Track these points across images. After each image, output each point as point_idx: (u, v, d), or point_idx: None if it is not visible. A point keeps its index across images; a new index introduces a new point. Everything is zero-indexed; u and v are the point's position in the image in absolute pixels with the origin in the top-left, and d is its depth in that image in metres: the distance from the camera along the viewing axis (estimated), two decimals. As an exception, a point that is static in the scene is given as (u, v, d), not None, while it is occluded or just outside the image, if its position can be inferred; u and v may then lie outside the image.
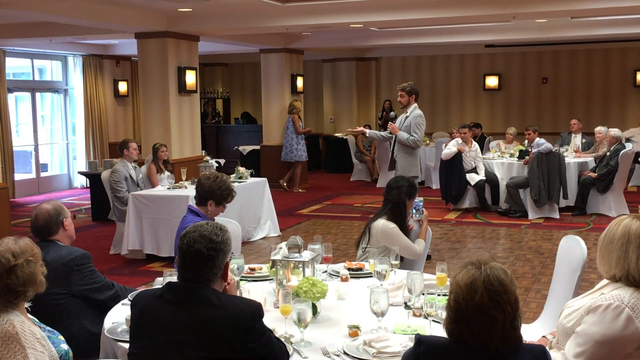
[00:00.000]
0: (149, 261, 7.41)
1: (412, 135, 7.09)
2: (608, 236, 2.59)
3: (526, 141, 10.17)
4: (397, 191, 4.56)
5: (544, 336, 2.94)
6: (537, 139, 9.59)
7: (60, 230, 3.57)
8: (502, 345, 2.07)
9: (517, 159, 10.11)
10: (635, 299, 2.46)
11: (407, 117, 7.23)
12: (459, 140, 10.03)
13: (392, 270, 3.63)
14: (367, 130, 7.76)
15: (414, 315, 3.14)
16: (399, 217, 4.54)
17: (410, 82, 7.48)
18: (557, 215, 9.46)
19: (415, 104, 7.28)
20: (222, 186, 4.37)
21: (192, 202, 5.05)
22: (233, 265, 3.35)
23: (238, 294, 2.88)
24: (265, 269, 3.91)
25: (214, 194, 4.36)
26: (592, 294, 2.63)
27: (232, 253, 2.74)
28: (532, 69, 15.11)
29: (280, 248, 3.45)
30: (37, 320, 2.72)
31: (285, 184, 12.42)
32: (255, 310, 2.46)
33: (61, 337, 2.75)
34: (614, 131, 9.86)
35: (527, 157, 9.65)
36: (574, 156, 10.43)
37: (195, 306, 2.44)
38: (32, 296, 2.60)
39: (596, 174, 9.66)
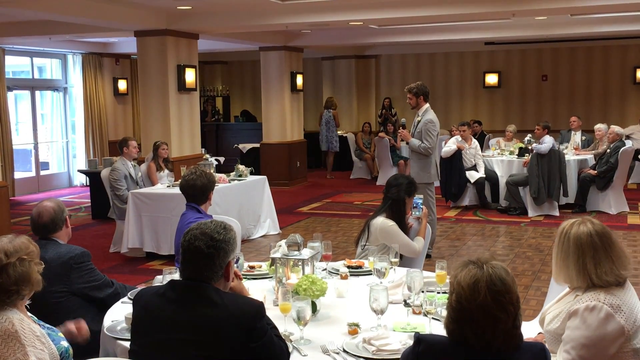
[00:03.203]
0: (149, 259, 7.41)
1: (424, 143, 6.98)
2: (563, 250, 2.63)
3: (529, 136, 10.09)
4: (397, 189, 4.56)
5: (540, 333, 2.95)
6: (546, 136, 9.49)
7: (64, 227, 3.59)
8: (503, 345, 2.07)
9: (516, 156, 10.11)
10: (610, 294, 2.53)
11: (419, 121, 7.07)
12: (459, 138, 10.01)
13: (391, 268, 3.63)
14: (412, 140, 7.00)
15: (414, 313, 3.14)
16: (398, 215, 4.54)
17: (418, 82, 7.17)
18: (556, 213, 9.45)
19: (427, 106, 7.03)
20: (206, 174, 4.50)
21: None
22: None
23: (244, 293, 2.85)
24: (264, 266, 3.91)
25: (211, 184, 4.50)
26: (566, 297, 2.69)
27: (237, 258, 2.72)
28: (532, 67, 15.09)
29: (280, 246, 3.45)
30: (36, 318, 2.72)
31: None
32: (257, 309, 2.46)
33: (61, 334, 2.75)
34: (617, 128, 9.85)
35: (527, 155, 9.64)
36: (573, 153, 10.42)
37: (197, 305, 2.43)
38: (29, 294, 2.60)
39: (596, 172, 9.65)
